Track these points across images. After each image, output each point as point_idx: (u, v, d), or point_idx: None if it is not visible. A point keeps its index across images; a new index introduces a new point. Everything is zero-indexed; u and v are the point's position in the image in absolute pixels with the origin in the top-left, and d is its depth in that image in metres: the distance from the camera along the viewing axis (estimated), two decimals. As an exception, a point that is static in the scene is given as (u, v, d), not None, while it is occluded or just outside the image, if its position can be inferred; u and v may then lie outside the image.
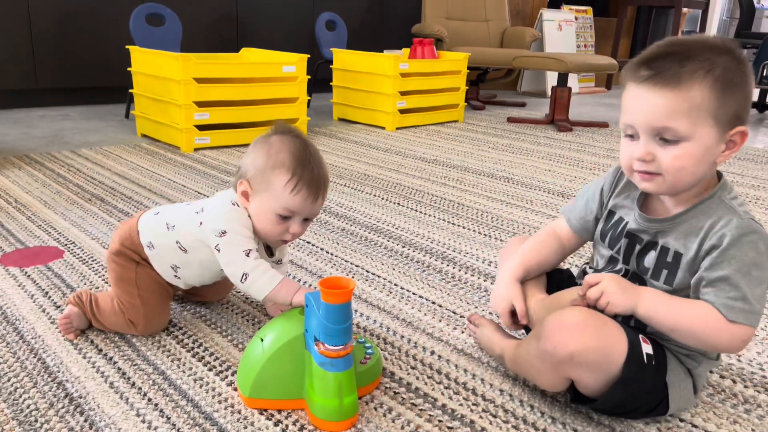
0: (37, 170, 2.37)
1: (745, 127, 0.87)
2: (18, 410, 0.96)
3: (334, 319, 0.89)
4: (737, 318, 0.84)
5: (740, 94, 0.86)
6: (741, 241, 0.85)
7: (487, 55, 4.24)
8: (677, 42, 0.88)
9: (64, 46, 3.70)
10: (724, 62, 0.85)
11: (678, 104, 0.84)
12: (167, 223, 1.14)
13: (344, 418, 0.93)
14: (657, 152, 0.87)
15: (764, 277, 0.85)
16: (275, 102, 3.02)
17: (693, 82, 0.84)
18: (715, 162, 0.88)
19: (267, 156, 1.05)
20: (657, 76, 0.85)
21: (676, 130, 0.85)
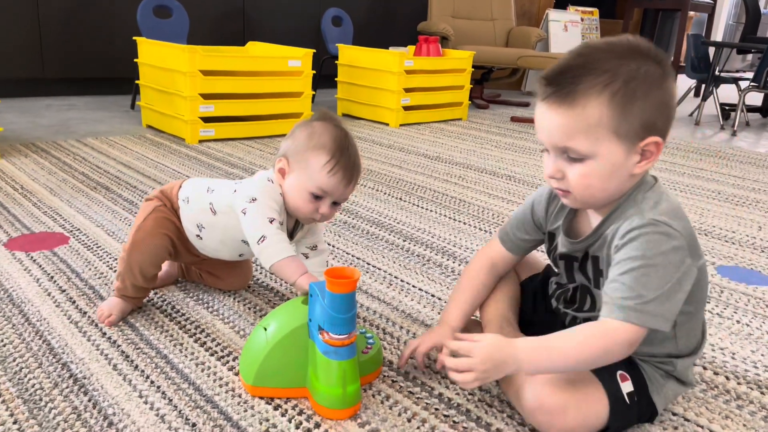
0: (44, 158, 2.40)
1: (658, 138, 0.82)
2: (23, 389, 0.97)
3: (339, 308, 0.90)
4: (628, 318, 0.80)
5: (648, 104, 0.81)
6: (637, 240, 0.81)
7: (492, 54, 4.26)
8: (582, 52, 0.84)
9: (71, 37, 3.72)
10: (630, 71, 0.80)
11: (575, 123, 0.81)
12: (209, 186, 1.21)
13: (347, 406, 0.94)
14: (565, 169, 0.85)
15: (663, 278, 0.80)
16: (280, 96, 3.04)
17: (589, 98, 0.80)
18: (631, 174, 0.84)
19: (309, 137, 1.10)
20: (554, 94, 0.82)
21: (576, 149, 0.82)
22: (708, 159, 3.10)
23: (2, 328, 1.15)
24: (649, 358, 0.93)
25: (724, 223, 2.04)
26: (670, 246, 0.81)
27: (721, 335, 1.28)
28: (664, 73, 0.83)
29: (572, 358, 0.83)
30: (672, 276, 0.81)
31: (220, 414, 0.94)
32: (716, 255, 1.74)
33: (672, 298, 0.81)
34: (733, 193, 2.45)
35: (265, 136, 3.05)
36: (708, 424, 0.98)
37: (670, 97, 0.84)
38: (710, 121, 4.50)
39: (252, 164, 2.48)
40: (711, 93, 4.38)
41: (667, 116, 0.84)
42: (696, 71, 4.64)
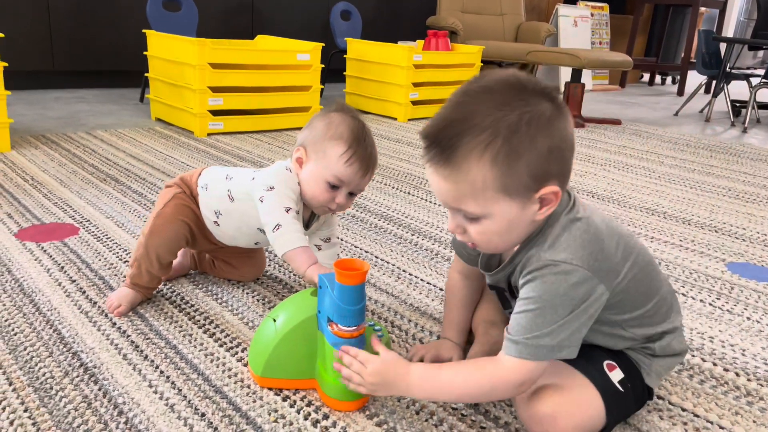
0: (54, 150, 2.41)
1: (553, 186, 0.77)
2: (34, 378, 0.98)
3: (349, 300, 0.90)
4: (520, 354, 0.79)
5: (535, 155, 0.75)
6: (534, 282, 0.80)
7: (501, 49, 4.24)
8: (460, 102, 0.78)
9: (81, 30, 3.73)
10: (511, 124, 0.74)
11: (460, 189, 0.78)
12: (228, 174, 1.22)
13: (356, 398, 0.94)
14: (465, 225, 0.82)
15: (560, 315, 0.78)
16: (289, 90, 3.04)
17: (470, 163, 0.76)
18: (533, 221, 0.81)
19: (327, 128, 1.11)
20: (436, 157, 0.78)
21: (468, 212, 0.80)
22: (718, 156, 3.08)
23: (13, 317, 1.16)
24: (630, 344, 0.92)
25: (735, 219, 2.03)
26: (568, 284, 0.78)
27: (731, 332, 1.27)
28: (554, 111, 0.77)
29: (458, 392, 0.84)
30: (570, 310, 0.79)
31: (229, 404, 0.95)
32: (726, 252, 1.73)
33: (567, 327, 0.79)
34: (744, 189, 2.43)
35: (273, 129, 3.05)
36: (718, 420, 0.98)
37: (561, 139, 0.78)
38: (721, 118, 4.47)
39: (260, 157, 2.49)
40: (722, 89, 4.35)
41: (561, 159, 0.78)
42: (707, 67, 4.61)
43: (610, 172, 2.60)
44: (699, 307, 1.38)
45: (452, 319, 1.11)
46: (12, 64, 2.42)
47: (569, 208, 0.84)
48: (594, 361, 0.89)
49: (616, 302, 0.86)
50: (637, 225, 1.92)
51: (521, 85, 0.78)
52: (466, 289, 1.10)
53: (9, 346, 1.06)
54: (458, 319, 1.10)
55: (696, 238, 1.82)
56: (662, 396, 1.03)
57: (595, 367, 0.88)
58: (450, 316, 1.11)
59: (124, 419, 0.90)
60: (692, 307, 1.37)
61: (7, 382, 0.97)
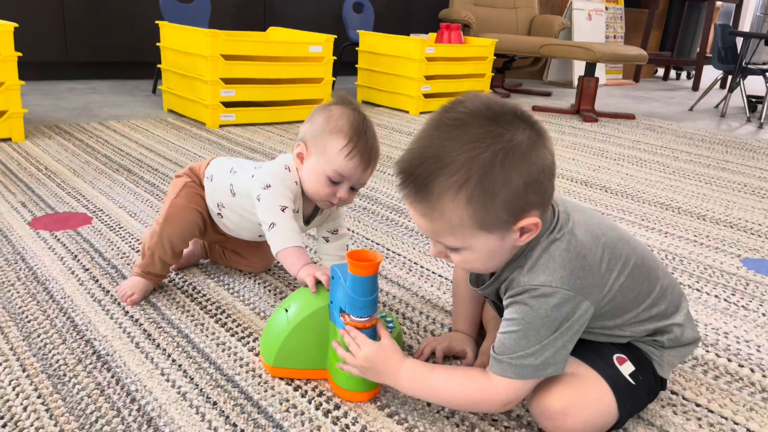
0: (67, 140, 2.42)
1: (532, 218, 0.77)
2: (47, 365, 0.99)
3: (361, 291, 0.90)
4: (504, 372, 0.80)
5: (511, 191, 0.74)
6: (516, 305, 0.81)
7: (514, 43, 4.21)
8: (433, 135, 0.76)
9: (94, 21, 3.74)
10: (484, 162, 0.73)
11: (437, 226, 0.78)
12: (232, 167, 1.22)
13: (368, 389, 0.94)
14: (446, 252, 0.83)
15: (543, 336, 0.79)
16: (301, 82, 3.03)
17: (445, 203, 0.75)
18: (514, 247, 0.81)
19: (326, 122, 1.09)
20: (410, 195, 0.78)
21: (449, 245, 0.81)
22: (734, 151, 3.05)
23: (27, 305, 1.17)
24: (639, 337, 0.91)
25: (750, 215, 2.01)
26: (549, 307, 0.79)
27: (746, 327, 1.26)
28: (530, 137, 0.75)
29: (444, 398, 0.86)
30: (554, 330, 0.79)
31: (240, 393, 0.95)
32: (742, 248, 1.71)
33: (552, 345, 0.80)
34: (760, 185, 2.40)
35: (285, 121, 3.05)
36: (732, 416, 0.97)
37: (540, 170, 0.76)
38: (736, 113, 4.42)
39: (272, 149, 2.49)
40: (738, 84, 4.30)
41: (539, 189, 0.77)
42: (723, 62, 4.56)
43: (624, 167, 2.58)
44: (714, 302, 1.36)
45: (461, 313, 1.10)
46: (26, 54, 2.43)
47: (551, 228, 0.83)
48: (604, 355, 0.88)
49: (605, 312, 0.85)
50: (651, 220, 1.90)
51: (494, 114, 0.75)
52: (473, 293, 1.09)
53: (23, 333, 1.07)
54: (468, 311, 1.10)
55: (711, 234, 1.80)
56: (676, 391, 1.02)
57: (605, 361, 0.88)
58: (459, 310, 1.11)
59: (136, 406, 0.90)
60: (707, 302, 1.36)
61: (21, 368, 0.97)
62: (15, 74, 2.25)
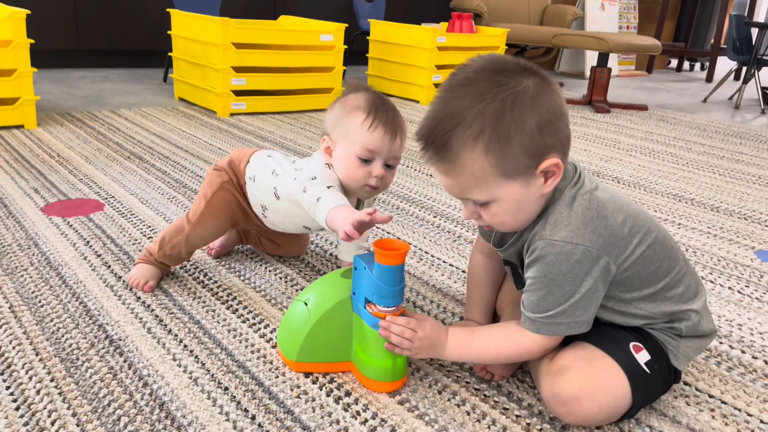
0: (79, 127, 2.43)
1: (553, 158, 0.79)
2: (60, 348, 0.99)
3: (389, 280, 0.89)
4: (539, 331, 0.85)
5: (526, 135, 0.77)
6: (539, 262, 0.83)
7: (526, 32, 4.18)
8: (444, 99, 0.80)
9: (106, 9, 3.75)
10: (496, 111, 0.76)
11: (462, 181, 0.81)
12: (274, 169, 1.18)
13: (397, 378, 0.94)
14: (478, 211, 0.85)
15: (569, 293, 0.82)
16: (311, 70, 3.02)
17: (465, 157, 0.78)
18: (542, 195, 0.83)
19: (342, 106, 1.09)
20: (433, 158, 0.81)
21: (476, 200, 0.83)
22: (748, 143, 3.01)
23: (40, 289, 1.17)
24: (655, 325, 0.91)
25: (764, 207, 1.99)
26: (570, 263, 0.81)
27: (760, 319, 1.24)
28: (538, 86, 0.78)
29: (490, 356, 0.92)
30: (577, 287, 0.82)
31: (252, 379, 0.95)
32: (756, 239, 1.69)
33: (580, 304, 0.83)
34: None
35: (295, 110, 3.04)
36: (745, 407, 0.96)
37: (550, 111, 0.78)
38: (751, 105, 4.37)
39: (283, 138, 2.48)
40: (752, 76, 4.25)
41: (553, 131, 0.79)
42: (737, 53, 4.50)
43: (636, 158, 2.56)
44: (727, 294, 1.35)
45: (475, 299, 1.10)
46: (38, 42, 2.43)
47: (573, 182, 0.86)
48: (620, 343, 0.88)
49: (624, 279, 0.86)
50: (663, 211, 1.89)
51: (499, 68, 0.79)
52: (488, 269, 1.09)
53: (36, 317, 1.08)
54: (482, 298, 1.09)
55: (725, 226, 1.79)
56: (689, 382, 1.01)
57: (621, 349, 0.87)
58: (473, 297, 1.10)
59: (148, 390, 0.90)
60: (720, 294, 1.35)
61: (34, 352, 0.98)
62: (27, 61, 2.26)
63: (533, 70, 0.80)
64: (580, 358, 0.86)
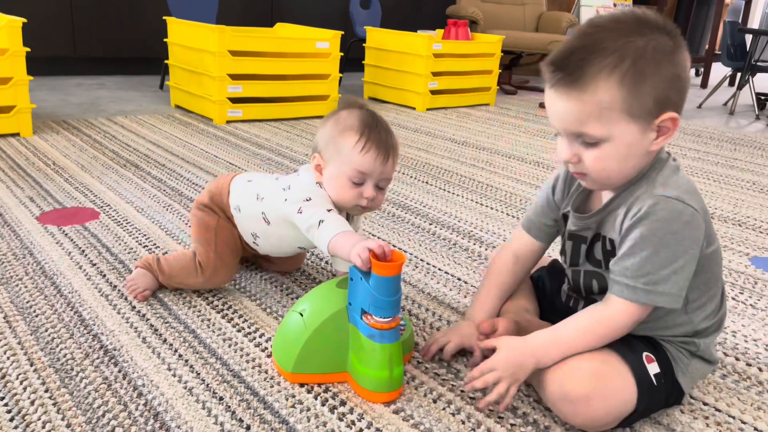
0: (75, 135, 2.43)
1: (673, 113, 0.81)
2: (55, 359, 0.99)
3: (386, 291, 0.89)
4: (637, 299, 0.83)
5: (659, 80, 0.79)
6: (648, 219, 0.82)
7: (521, 39, 4.19)
8: (587, 32, 0.82)
9: (102, 17, 3.75)
10: (638, 48, 0.78)
11: (586, 109, 0.80)
12: (257, 194, 1.16)
13: (393, 389, 0.94)
14: (581, 153, 0.84)
15: (674, 255, 0.82)
16: (307, 78, 3.03)
17: (598, 83, 0.79)
18: (649, 151, 0.84)
19: (335, 125, 1.07)
20: (561, 81, 0.81)
21: (591, 134, 0.82)
22: (742, 149, 3.03)
23: (35, 299, 1.17)
24: (671, 338, 0.92)
25: (759, 213, 2.00)
26: (681, 222, 0.82)
27: (754, 326, 1.25)
28: (674, 45, 0.80)
29: (581, 346, 0.87)
30: (683, 252, 0.82)
31: (247, 389, 0.95)
32: (750, 246, 1.70)
33: (680, 274, 0.83)
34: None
35: (292, 117, 3.05)
36: (740, 414, 0.96)
37: (683, 69, 0.81)
38: (745, 111, 4.39)
39: (279, 146, 2.49)
40: (747, 82, 4.27)
41: (680, 89, 0.82)
42: (732, 59, 4.52)
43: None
44: (721, 301, 1.35)
45: (489, 299, 1.08)
46: (34, 49, 2.44)
47: (672, 158, 0.88)
48: (635, 350, 0.89)
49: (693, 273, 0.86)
50: (658, 218, 1.89)
51: (646, 18, 0.81)
52: (513, 272, 1.08)
53: (31, 327, 1.08)
54: (495, 299, 1.08)
55: (719, 232, 1.79)
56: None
57: (635, 356, 0.88)
58: (487, 295, 1.08)
59: (143, 401, 0.90)
60: (714, 301, 1.35)
61: (29, 362, 0.98)
62: (23, 69, 2.26)
63: (674, 34, 0.81)
64: (593, 359, 0.86)
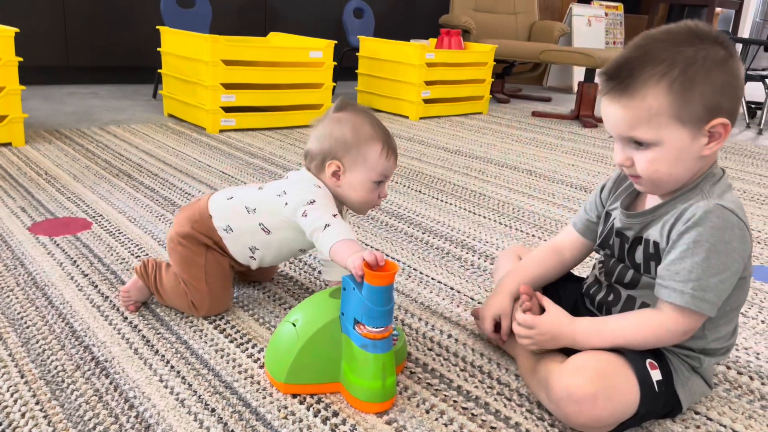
0: (67, 145, 2.42)
1: (724, 119, 0.83)
2: (46, 371, 0.99)
3: (378, 300, 0.89)
4: (687, 303, 0.84)
5: (709, 87, 0.81)
6: (703, 225, 0.83)
7: (514, 48, 4.22)
8: (639, 44, 0.85)
9: (95, 26, 3.75)
10: (687, 57, 0.81)
11: (636, 114, 0.83)
12: (246, 207, 1.15)
13: (387, 399, 0.94)
14: (634, 156, 0.87)
15: (724, 265, 0.83)
16: (301, 87, 3.04)
17: (647, 89, 0.82)
18: (700, 156, 0.85)
19: (353, 132, 1.11)
20: (614, 88, 0.85)
21: (641, 138, 0.85)
22: (733, 157, 3.05)
23: (26, 310, 1.17)
24: (676, 349, 0.93)
25: (750, 221, 2.01)
26: (733, 233, 0.84)
27: (745, 335, 1.25)
28: (727, 54, 0.83)
29: (623, 341, 0.90)
30: (731, 264, 0.84)
31: (239, 400, 0.95)
32: (741, 254, 1.71)
33: (725, 285, 0.85)
34: (759, 192, 2.40)
35: (285, 126, 3.05)
36: (731, 423, 0.97)
37: (734, 77, 0.83)
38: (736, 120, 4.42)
39: (272, 155, 2.49)
40: (737, 90, 4.30)
41: (732, 96, 0.84)
42: (722, 68, 4.56)
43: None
44: (713, 309, 1.36)
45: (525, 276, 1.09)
46: (27, 59, 2.43)
47: (726, 176, 0.91)
48: (639, 355, 0.90)
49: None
50: (650, 226, 1.90)
51: (697, 29, 0.84)
52: (551, 260, 1.11)
53: (21, 338, 1.07)
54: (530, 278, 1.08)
55: (710, 240, 1.80)
56: (675, 399, 1.02)
57: (640, 360, 0.90)
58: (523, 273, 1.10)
59: (134, 413, 0.90)
60: (706, 309, 1.36)
61: (20, 374, 0.97)
62: (16, 79, 2.26)
63: (726, 44, 0.83)
64: (600, 360, 0.87)
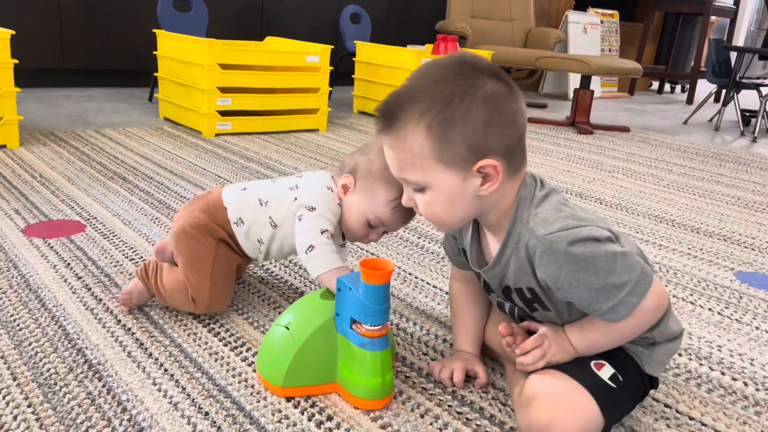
0: (62, 147, 2.41)
1: (492, 160, 0.79)
2: (38, 373, 0.98)
3: (376, 299, 0.90)
4: (627, 313, 0.83)
5: (470, 127, 0.77)
6: (555, 265, 0.81)
7: (510, 55, 4.23)
8: (408, 79, 0.83)
9: (91, 29, 3.75)
10: (446, 95, 0.77)
11: (402, 157, 0.82)
12: (260, 199, 1.16)
13: (385, 396, 0.95)
14: (415, 198, 0.86)
15: (603, 271, 0.80)
16: (297, 91, 3.04)
17: (407, 132, 0.80)
18: (477, 197, 0.83)
19: (381, 167, 1.05)
20: (382, 128, 0.83)
21: (411, 181, 0.83)
22: (728, 165, 3.06)
23: (19, 312, 1.16)
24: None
25: (744, 229, 2.02)
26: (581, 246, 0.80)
27: (739, 341, 1.26)
28: (498, 89, 0.79)
29: (617, 340, 0.89)
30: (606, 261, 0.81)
31: (232, 404, 0.94)
32: (735, 261, 1.71)
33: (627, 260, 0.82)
34: (753, 199, 2.41)
35: (281, 130, 3.05)
36: (726, 429, 0.97)
37: (501, 114, 0.79)
38: (730, 127, 4.45)
39: (268, 159, 2.49)
40: (732, 98, 4.33)
41: (499, 134, 0.79)
42: (717, 76, 4.59)
43: (618, 179, 2.59)
44: (707, 316, 1.36)
45: (461, 330, 1.08)
46: (23, 61, 2.43)
47: (539, 187, 0.87)
48: (581, 363, 0.89)
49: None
50: (645, 232, 1.91)
51: (467, 63, 0.81)
52: (468, 295, 1.08)
53: (14, 341, 1.06)
54: (468, 327, 1.07)
55: (705, 247, 1.81)
56: (670, 404, 1.02)
57: (582, 369, 0.88)
58: (459, 327, 1.08)
59: (127, 416, 0.89)
60: (700, 315, 1.36)
61: (12, 377, 0.97)
62: (11, 81, 2.25)
63: (500, 76, 0.81)
64: (545, 386, 0.85)
